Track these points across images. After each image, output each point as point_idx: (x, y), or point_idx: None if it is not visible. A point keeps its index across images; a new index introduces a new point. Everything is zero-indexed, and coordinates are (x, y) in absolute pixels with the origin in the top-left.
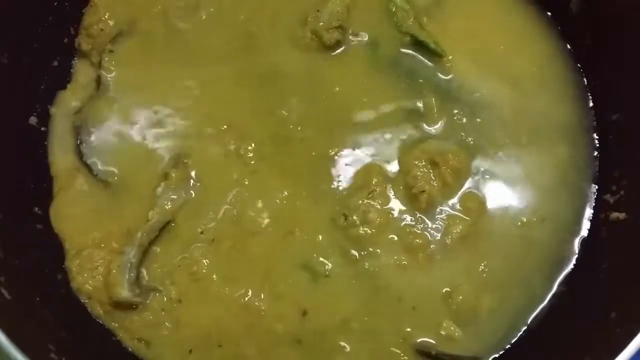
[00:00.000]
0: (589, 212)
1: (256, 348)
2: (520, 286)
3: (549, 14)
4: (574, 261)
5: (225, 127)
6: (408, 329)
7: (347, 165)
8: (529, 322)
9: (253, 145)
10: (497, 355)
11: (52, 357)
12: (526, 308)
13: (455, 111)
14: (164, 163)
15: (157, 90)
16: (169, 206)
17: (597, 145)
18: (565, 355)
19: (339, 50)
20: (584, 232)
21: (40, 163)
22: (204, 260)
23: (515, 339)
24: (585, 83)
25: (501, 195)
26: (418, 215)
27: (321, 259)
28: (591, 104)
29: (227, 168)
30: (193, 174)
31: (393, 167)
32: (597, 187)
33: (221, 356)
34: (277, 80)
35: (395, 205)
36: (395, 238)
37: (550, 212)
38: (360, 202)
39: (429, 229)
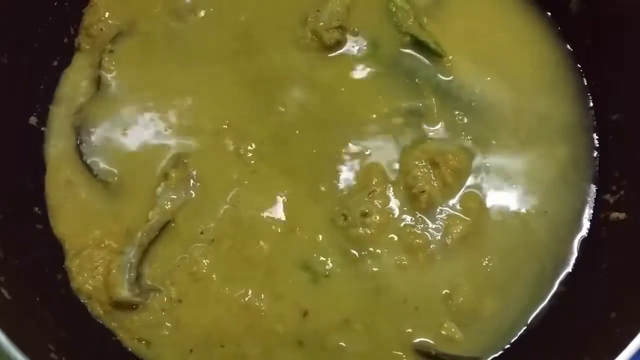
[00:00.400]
0: (589, 212)
1: (258, 348)
2: (520, 286)
3: (549, 14)
4: (573, 261)
5: (225, 127)
6: (409, 330)
7: (347, 165)
8: (529, 322)
9: (253, 145)
10: (497, 355)
11: (52, 357)
12: (526, 308)
13: (456, 112)
14: (164, 163)
15: (157, 90)
16: (169, 206)
17: (597, 145)
18: (565, 355)
19: (339, 51)
20: (584, 232)
21: (40, 163)
22: (204, 260)
23: (515, 338)
24: (585, 83)
25: (501, 195)
26: (418, 215)
27: (321, 258)
28: (591, 104)
29: (227, 168)
30: (193, 174)
31: (393, 167)
32: (597, 187)
33: (223, 356)
34: (277, 80)
35: (396, 205)
36: (396, 238)
37: (550, 212)
38: (361, 202)
39: (429, 229)
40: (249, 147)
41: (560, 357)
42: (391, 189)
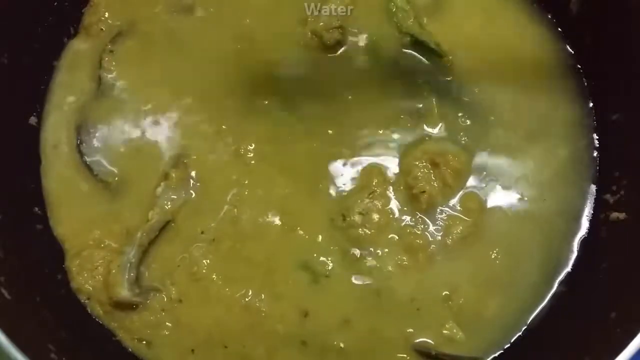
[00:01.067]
0: (589, 212)
1: (261, 349)
2: (521, 286)
3: (549, 14)
4: (573, 261)
5: (225, 127)
6: (409, 330)
7: (347, 166)
8: (529, 322)
9: (253, 145)
10: (497, 355)
11: (52, 357)
12: (526, 308)
13: (456, 112)
14: (164, 163)
15: (157, 90)
16: (169, 206)
17: (597, 145)
18: (565, 355)
19: (339, 51)
20: (584, 231)
21: (40, 163)
22: (204, 260)
23: (515, 339)
24: (585, 83)
25: (501, 195)
26: (418, 215)
27: (321, 259)
28: (591, 104)
29: (227, 168)
30: (193, 174)
31: (393, 167)
32: (597, 187)
33: (226, 356)
34: (277, 80)
35: (396, 205)
36: (396, 238)
37: (550, 212)
38: (361, 202)
39: (430, 230)
40: (249, 147)
41: (560, 357)
42: (391, 189)
